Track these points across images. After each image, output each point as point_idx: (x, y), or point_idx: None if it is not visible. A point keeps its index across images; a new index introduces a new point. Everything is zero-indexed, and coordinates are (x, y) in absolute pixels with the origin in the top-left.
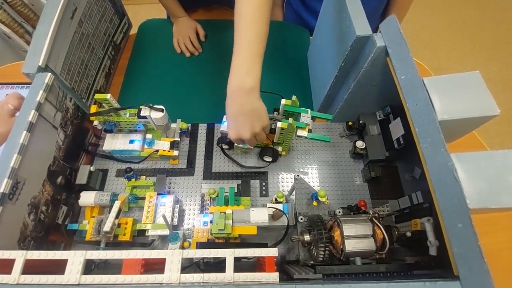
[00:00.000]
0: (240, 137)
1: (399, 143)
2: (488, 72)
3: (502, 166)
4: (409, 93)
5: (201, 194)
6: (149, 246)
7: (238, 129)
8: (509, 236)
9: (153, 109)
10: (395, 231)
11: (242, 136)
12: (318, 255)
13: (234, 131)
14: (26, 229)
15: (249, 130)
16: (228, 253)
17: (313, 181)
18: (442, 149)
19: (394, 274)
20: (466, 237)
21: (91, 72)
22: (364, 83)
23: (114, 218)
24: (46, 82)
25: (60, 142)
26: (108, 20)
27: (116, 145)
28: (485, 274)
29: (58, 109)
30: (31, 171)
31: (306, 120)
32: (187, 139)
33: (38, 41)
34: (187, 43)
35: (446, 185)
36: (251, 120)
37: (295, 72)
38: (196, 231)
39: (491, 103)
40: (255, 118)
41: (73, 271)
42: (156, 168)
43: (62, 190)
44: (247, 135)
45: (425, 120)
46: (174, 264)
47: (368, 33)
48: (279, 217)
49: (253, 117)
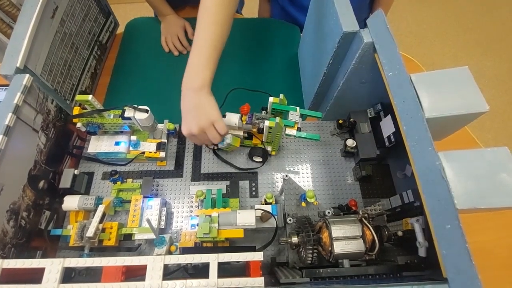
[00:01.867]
0: (190, 132)
1: (390, 141)
2: (482, 67)
3: (491, 165)
4: (396, 90)
5: (189, 196)
6: (136, 251)
7: (187, 123)
8: (502, 234)
9: (137, 110)
10: (385, 231)
11: (191, 131)
12: (306, 257)
13: (184, 127)
14: (6, 236)
15: (196, 124)
16: (212, 258)
17: (304, 181)
18: (429, 147)
19: (383, 276)
20: (454, 238)
21: (75, 72)
22: (353, 81)
23: (98, 222)
24: (24, 83)
25: (42, 146)
26: (93, 19)
27: (101, 147)
28: (473, 276)
29: (38, 111)
30: (9, 176)
31: (294, 118)
32: (175, 140)
33: (16, 41)
34: (175, 41)
35: (434, 185)
36: (198, 115)
37: (286, 70)
38: (184, 235)
39: (480, 99)
40: (201, 113)
41: (51, 280)
42: (143, 170)
43: (45, 194)
44: (194, 130)
45: (412, 117)
46: (156, 271)
47: (355, 29)
48: (267, 219)
49: (199, 112)
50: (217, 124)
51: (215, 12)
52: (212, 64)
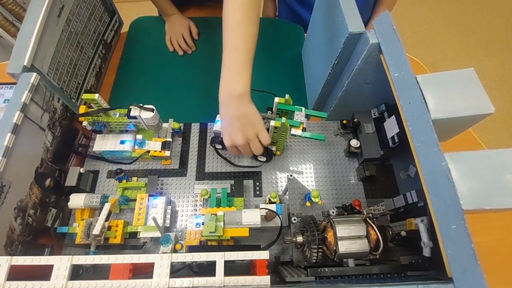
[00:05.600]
0: (234, 143)
1: (394, 142)
2: (484, 68)
3: (497, 166)
4: (402, 91)
5: (193, 194)
6: (141, 249)
7: (231, 135)
8: (506, 234)
9: (143, 109)
10: (389, 231)
11: (236, 142)
12: (311, 256)
13: (227, 137)
14: (13, 234)
15: (242, 136)
16: (218, 256)
17: (308, 181)
18: (435, 148)
19: (387, 275)
20: (460, 238)
21: (81, 71)
22: (358, 81)
23: (104, 220)
24: (32, 82)
25: (48, 144)
26: (98, 18)
27: (107, 146)
28: (478, 276)
29: (45, 110)
30: (17, 174)
31: (300, 118)
32: (179, 139)
33: (23, 40)
34: (180, 41)
35: (440, 186)
36: (243, 125)
37: (290, 70)
38: (189, 233)
39: (486, 101)
40: (247, 123)
41: (59, 277)
42: (148, 169)
43: (51, 192)
44: (240, 141)
45: (418, 119)
46: (163, 268)
47: (361, 30)
48: (272, 218)
49: (244, 122)
50: (261, 135)
51: (246, 10)
52: (249, 67)
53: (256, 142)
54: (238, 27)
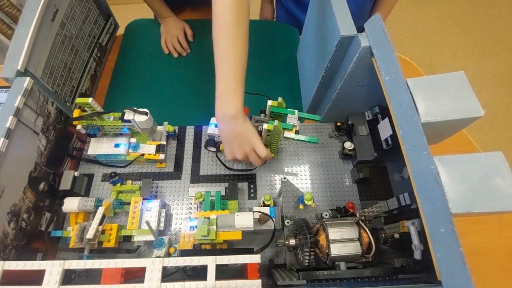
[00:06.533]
0: (234, 157)
1: (388, 144)
2: (481, 68)
3: (486, 169)
4: (393, 94)
5: (188, 197)
6: (135, 253)
7: (231, 151)
8: (498, 235)
9: (137, 112)
10: (382, 233)
11: (236, 157)
12: (304, 259)
13: (228, 153)
14: (7, 238)
15: (240, 152)
16: (210, 260)
17: (303, 183)
18: (425, 152)
19: (379, 278)
20: (448, 242)
21: (75, 75)
22: (351, 84)
23: (98, 224)
24: (25, 86)
25: (42, 148)
26: (93, 21)
27: (101, 149)
28: (466, 280)
29: (39, 114)
30: (10, 178)
31: (293, 121)
32: (174, 142)
33: (17, 44)
34: (175, 43)
35: (429, 189)
36: (240, 142)
37: (284, 73)
38: (183, 236)
39: (475, 104)
40: (243, 140)
41: (51, 282)
42: (143, 172)
43: (45, 196)
44: (239, 156)
45: (408, 122)
46: (155, 273)
47: (353, 33)
48: (265, 221)
49: (240, 140)
50: (257, 149)
51: (234, 30)
52: (240, 87)
53: (254, 155)
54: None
